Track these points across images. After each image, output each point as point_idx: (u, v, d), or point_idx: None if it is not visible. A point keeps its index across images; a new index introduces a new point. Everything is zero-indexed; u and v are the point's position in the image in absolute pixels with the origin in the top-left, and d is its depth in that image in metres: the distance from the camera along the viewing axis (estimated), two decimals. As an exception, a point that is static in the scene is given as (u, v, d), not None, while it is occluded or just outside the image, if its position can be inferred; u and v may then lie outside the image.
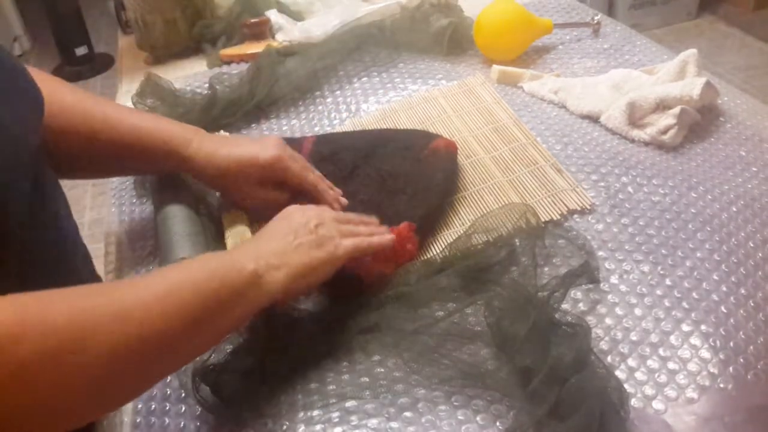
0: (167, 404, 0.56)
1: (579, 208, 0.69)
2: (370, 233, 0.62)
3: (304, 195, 0.71)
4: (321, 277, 0.56)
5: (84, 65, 3.11)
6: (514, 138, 0.80)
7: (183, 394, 0.56)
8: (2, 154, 0.48)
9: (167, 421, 0.55)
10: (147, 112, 0.90)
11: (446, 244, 0.66)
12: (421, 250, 0.67)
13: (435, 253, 0.67)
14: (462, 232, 0.65)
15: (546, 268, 0.63)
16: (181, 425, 0.55)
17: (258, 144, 0.70)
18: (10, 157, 0.49)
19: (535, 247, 0.63)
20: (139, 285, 0.47)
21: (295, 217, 0.59)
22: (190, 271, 0.49)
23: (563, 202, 0.70)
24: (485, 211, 0.69)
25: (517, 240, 0.63)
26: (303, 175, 0.70)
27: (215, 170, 0.68)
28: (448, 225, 0.71)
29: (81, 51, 3.07)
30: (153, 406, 0.56)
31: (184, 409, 0.56)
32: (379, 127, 0.87)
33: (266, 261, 0.52)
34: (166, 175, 0.76)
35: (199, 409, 0.54)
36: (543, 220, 0.67)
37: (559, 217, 0.68)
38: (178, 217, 0.70)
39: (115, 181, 0.88)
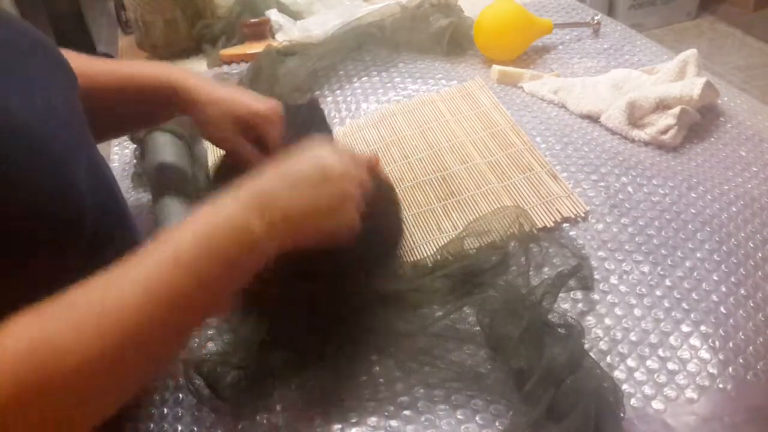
0: (180, 410, 0.56)
1: (573, 216, 0.69)
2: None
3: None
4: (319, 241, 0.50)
5: (84, 65, 3.11)
6: (511, 144, 0.80)
7: (195, 401, 0.56)
8: (62, 135, 0.48)
9: (180, 428, 0.54)
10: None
11: (438, 247, 0.66)
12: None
13: (427, 255, 0.67)
14: (455, 235, 0.65)
15: (546, 273, 0.63)
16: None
17: (259, 97, 0.68)
18: (69, 138, 0.49)
19: (528, 250, 0.63)
20: (131, 288, 0.40)
21: (329, 168, 0.50)
22: (189, 255, 0.42)
23: (557, 210, 0.70)
24: (478, 216, 0.69)
25: (511, 243, 0.64)
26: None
27: (216, 108, 0.66)
28: (441, 229, 0.70)
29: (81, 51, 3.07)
30: (165, 411, 0.56)
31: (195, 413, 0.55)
32: (377, 130, 0.87)
33: (272, 221, 0.46)
34: (164, 167, 0.75)
35: (212, 415, 0.54)
36: (537, 226, 0.67)
37: (552, 224, 0.68)
38: (175, 209, 0.70)
39: (114, 171, 0.88)
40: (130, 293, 0.40)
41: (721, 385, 0.52)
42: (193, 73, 0.69)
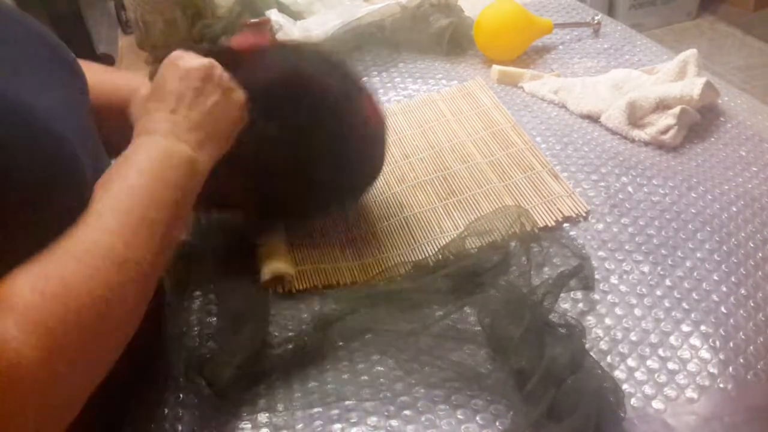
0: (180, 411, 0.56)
1: (574, 215, 0.69)
2: None
3: None
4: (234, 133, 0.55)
5: (84, 65, 3.11)
6: (512, 143, 0.80)
7: (195, 401, 0.55)
8: (72, 137, 0.48)
9: (180, 428, 0.54)
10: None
11: (439, 246, 0.66)
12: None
13: (428, 255, 0.67)
14: (456, 235, 0.65)
15: (546, 272, 0.63)
16: None
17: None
18: (81, 143, 0.49)
19: (529, 250, 0.63)
20: (104, 221, 0.43)
21: (195, 69, 0.53)
22: (143, 183, 0.46)
23: (559, 209, 0.70)
24: (480, 215, 0.69)
25: (512, 243, 0.64)
26: None
27: None
28: (442, 228, 0.70)
29: (81, 51, 3.07)
30: (165, 411, 0.56)
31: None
32: None
33: (194, 140, 0.50)
34: None
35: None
36: (538, 225, 0.67)
37: (554, 223, 0.68)
38: None
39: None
40: (108, 231, 0.43)
41: (721, 385, 0.52)
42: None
